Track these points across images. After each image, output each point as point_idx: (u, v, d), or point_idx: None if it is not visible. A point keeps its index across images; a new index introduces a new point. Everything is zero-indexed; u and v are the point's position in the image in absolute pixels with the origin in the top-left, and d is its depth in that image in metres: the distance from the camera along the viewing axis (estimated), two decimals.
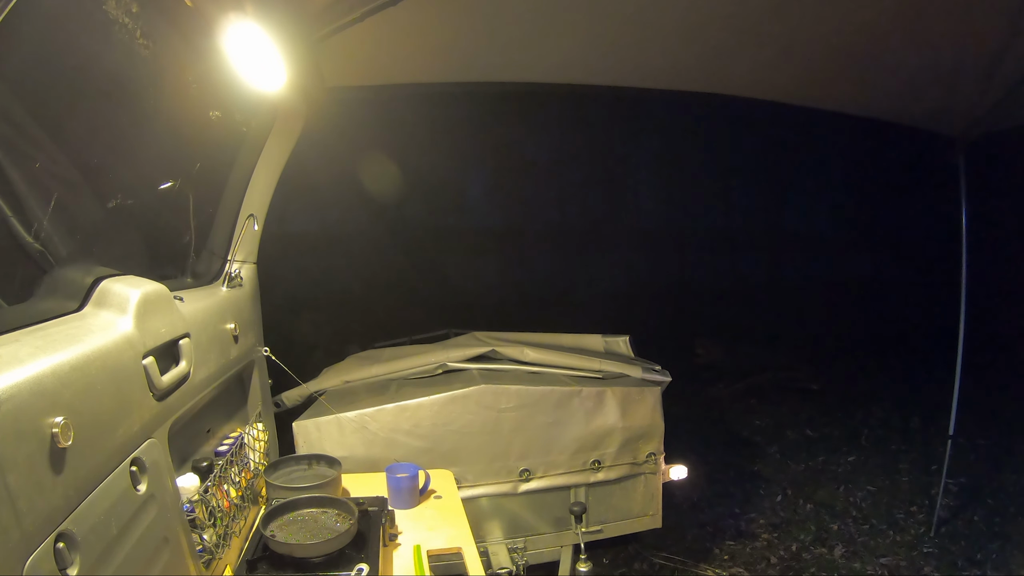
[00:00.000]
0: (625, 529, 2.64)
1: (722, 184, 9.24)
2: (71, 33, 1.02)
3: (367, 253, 3.78)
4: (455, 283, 4.00)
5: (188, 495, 1.21)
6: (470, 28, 1.80)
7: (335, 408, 2.27)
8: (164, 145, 1.43)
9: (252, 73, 1.38)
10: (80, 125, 1.11)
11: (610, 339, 3.04)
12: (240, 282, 1.79)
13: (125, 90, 1.22)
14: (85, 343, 0.83)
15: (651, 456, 2.57)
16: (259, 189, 1.86)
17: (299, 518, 1.55)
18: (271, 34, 1.30)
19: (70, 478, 0.73)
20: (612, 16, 1.74)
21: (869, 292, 8.71)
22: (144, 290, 1.03)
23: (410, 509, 1.88)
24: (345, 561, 1.41)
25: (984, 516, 3.36)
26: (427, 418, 2.30)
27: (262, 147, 1.82)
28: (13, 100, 0.92)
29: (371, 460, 2.22)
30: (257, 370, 1.89)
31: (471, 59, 2.04)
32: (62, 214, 0.98)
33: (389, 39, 1.75)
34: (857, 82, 2.23)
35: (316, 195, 3.46)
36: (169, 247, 1.57)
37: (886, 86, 2.24)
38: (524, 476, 2.41)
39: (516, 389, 2.39)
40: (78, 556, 0.72)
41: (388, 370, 2.68)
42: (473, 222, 4.74)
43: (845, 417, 5.07)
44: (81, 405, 0.78)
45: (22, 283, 0.91)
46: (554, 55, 2.03)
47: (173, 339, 1.13)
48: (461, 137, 3.92)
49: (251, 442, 1.71)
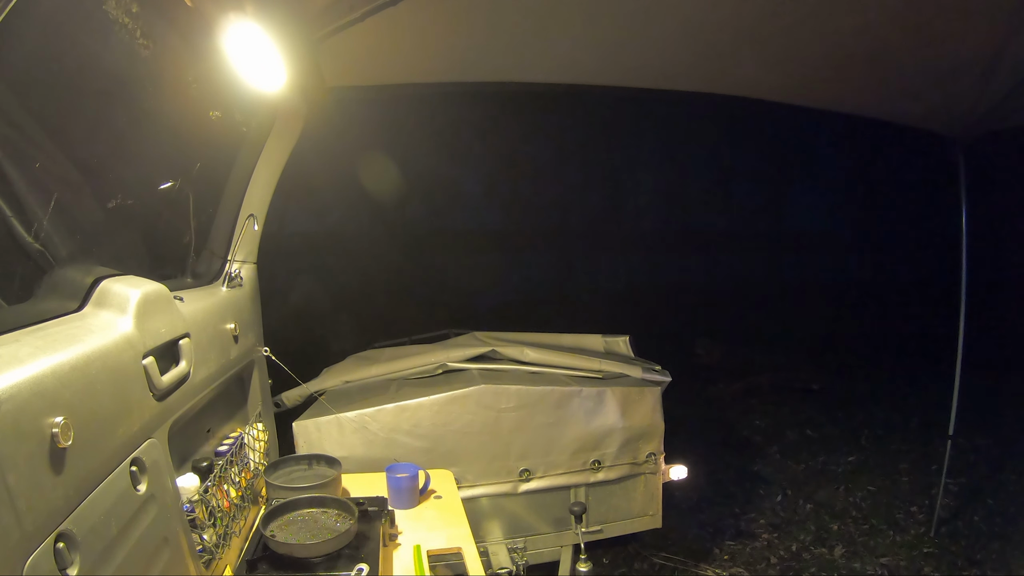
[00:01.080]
0: (625, 529, 2.64)
1: (722, 184, 9.24)
2: (71, 33, 1.03)
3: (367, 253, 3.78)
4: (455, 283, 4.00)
5: (188, 495, 1.21)
6: (470, 28, 1.80)
7: (335, 408, 2.27)
8: (164, 145, 1.43)
9: (252, 73, 1.38)
10: (80, 125, 1.11)
11: (610, 339, 3.04)
12: (240, 282, 1.79)
13: (125, 90, 1.23)
14: (85, 343, 0.83)
15: (651, 456, 2.57)
16: (259, 189, 1.86)
17: (299, 518, 1.55)
18: (271, 34, 1.30)
19: (70, 478, 0.73)
20: (612, 16, 1.74)
21: (869, 292, 8.72)
22: (144, 290, 1.03)
23: (410, 509, 1.88)
24: (345, 561, 1.41)
25: (984, 516, 3.36)
26: (427, 418, 2.30)
27: (262, 147, 1.82)
28: (13, 100, 0.92)
29: (371, 460, 2.22)
30: (257, 370, 1.89)
31: (471, 59, 2.04)
32: (62, 214, 0.98)
33: (389, 39, 1.75)
34: (857, 82, 2.23)
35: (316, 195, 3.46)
36: (169, 247, 1.57)
37: (886, 86, 2.24)
38: (524, 476, 2.41)
39: (516, 389, 2.39)
40: (78, 556, 0.72)
41: (388, 370, 2.68)
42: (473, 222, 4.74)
43: (845, 417, 5.07)
44: (81, 405, 0.78)
45: (22, 283, 0.91)
46: (554, 55, 2.03)
47: (173, 339, 1.13)
48: (461, 137, 3.92)
49: (251, 442, 1.71)
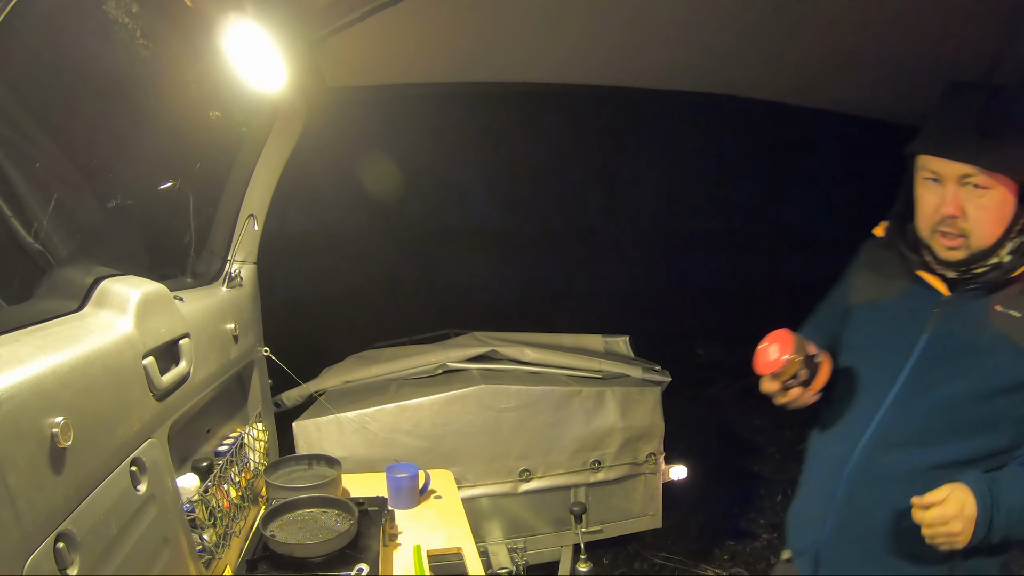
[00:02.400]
0: (625, 529, 2.64)
1: (722, 184, 9.22)
2: (71, 33, 1.02)
3: (367, 253, 3.77)
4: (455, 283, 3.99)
5: (188, 495, 1.21)
6: (470, 28, 1.80)
7: (335, 408, 2.27)
8: (164, 145, 1.43)
9: (252, 73, 1.38)
10: (80, 125, 1.11)
11: (610, 339, 3.04)
12: (240, 282, 1.79)
13: (125, 90, 1.22)
14: (85, 343, 0.83)
15: (651, 456, 2.58)
16: (259, 189, 1.86)
17: (299, 518, 1.56)
18: (271, 34, 1.30)
19: (70, 478, 0.73)
20: (612, 16, 1.74)
21: None
22: (144, 290, 1.03)
23: (410, 509, 1.88)
24: (345, 561, 1.41)
25: None
26: (427, 418, 2.30)
27: (262, 147, 1.82)
28: (13, 100, 0.92)
29: (371, 460, 2.22)
30: (257, 370, 1.89)
31: (471, 59, 2.04)
32: (62, 214, 0.97)
33: (389, 39, 1.75)
34: (857, 82, 2.22)
35: (316, 195, 3.45)
36: (169, 247, 1.57)
37: (886, 86, 2.24)
38: (524, 476, 2.41)
39: (516, 389, 2.39)
40: (78, 556, 0.72)
41: (388, 370, 2.68)
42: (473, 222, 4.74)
43: None
44: (81, 405, 0.78)
45: (22, 283, 0.91)
46: (554, 55, 2.03)
47: (173, 339, 1.13)
48: (461, 137, 3.91)
49: (251, 442, 1.71)
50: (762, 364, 1.18)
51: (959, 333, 1.10)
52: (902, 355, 1.14)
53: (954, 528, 1.00)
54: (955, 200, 1.06)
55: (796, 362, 1.14)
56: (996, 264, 1.08)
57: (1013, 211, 1.07)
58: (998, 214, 1.06)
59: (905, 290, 1.19)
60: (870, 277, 1.28)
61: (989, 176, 1.04)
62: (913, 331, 1.14)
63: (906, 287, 1.19)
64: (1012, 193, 1.06)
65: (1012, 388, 1.05)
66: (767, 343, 1.19)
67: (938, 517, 1.01)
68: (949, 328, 1.11)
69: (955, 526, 1.00)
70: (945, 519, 1.01)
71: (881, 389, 1.16)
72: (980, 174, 1.04)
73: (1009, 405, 1.06)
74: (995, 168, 1.03)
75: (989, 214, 1.06)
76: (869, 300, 1.25)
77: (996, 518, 1.01)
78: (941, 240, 1.10)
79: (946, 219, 1.08)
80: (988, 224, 1.06)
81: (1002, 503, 1.01)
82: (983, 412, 1.07)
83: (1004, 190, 1.05)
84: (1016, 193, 1.06)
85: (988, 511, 1.01)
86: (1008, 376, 1.05)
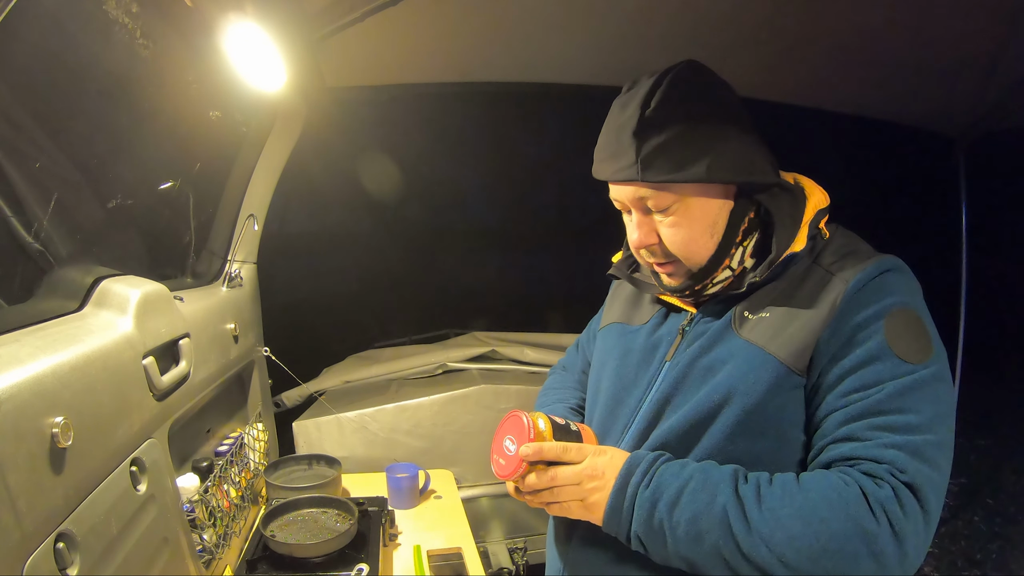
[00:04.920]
0: None
1: None
2: (71, 33, 1.02)
3: (367, 253, 3.77)
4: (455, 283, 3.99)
5: (188, 495, 1.21)
6: (470, 28, 1.80)
7: (335, 408, 2.27)
8: (164, 145, 1.43)
9: (252, 73, 1.38)
10: (80, 125, 1.11)
11: None
12: (240, 282, 1.79)
13: (125, 90, 1.22)
14: (85, 343, 0.83)
15: None
16: (259, 189, 1.86)
17: (299, 518, 1.56)
18: (271, 34, 1.30)
19: (70, 478, 0.73)
20: (612, 16, 1.74)
21: None
22: (144, 290, 1.03)
23: (410, 509, 1.88)
24: (345, 561, 1.41)
25: (984, 516, 3.36)
26: (427, 418, 2.30)
27: (262, 147, 1.82)
28: (13, 100, 0.92)
29: (371, 460, 2.22)
30: (257, 370, 1.89)
31: (471, 59, 2.04)
32: (62, 214, 0.98)
33: (389, 39, 1.75)
34: (857, 82, 2.22)
35: (316, 195, 3.45)
36: (169, 247, 1.57)
37: (886, 86, 2.24)
38: None
39: (516, 389, 2.38)
40: (78, 556, 0.72)
41: (388, 370, 2.68)
42: (473, 222, 4.72)
43: None
44: (81, 405, 0.78)
45: (22, 283, 0.91)
46: (554, 55, 2.03)
47: (173, 339, 1.13)
48: (461, 137, 3.90)
49: (251, 442, 1.71)
50: (499, 471, 1.01)
51: (704, 352, 0.93)
52: (644, 385, 0.99)
53: (563, 495, 0.91)
54: (644, 226, 0.92)
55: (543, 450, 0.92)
56: (728, 276, 0.94)
57: (722, 216, 0.91)
58: (697, 228, 0.90)
59: (653, 315, 1.06)
60: (617, 306, 1.16)
61: (666, 192, 0.87)
62: (658, 358, 0.99)
63: (653, 311, 1.06)
64: (712, 196, 0.89)
65: (762, 393, 0.85)
66: (496, 440, 1.01)
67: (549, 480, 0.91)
68: (693, 350, 0.94)
69: (565, 493, 0.90)
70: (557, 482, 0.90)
71: (623, 422, 1.01)
72: (654, 194, 0.88)
73: (763, 412, 0.86)
74: (666, 180, 0.86)
75: (684, 231, 0.89)
76: (619, 326, 1.12)
77: (641, 504, 0.85)
78: (657, 268, 0.97)
79: (646, 247, 0.94)
80: (689, 242, 0.90)
81: (663, 488, 0.84)
82: (733, 424, 0.87)
83: (695, 200, 0.88)
84: (722, 194, 0.90)
85: (633, 489, 0.85)
86: (752, 380, 0.86)
